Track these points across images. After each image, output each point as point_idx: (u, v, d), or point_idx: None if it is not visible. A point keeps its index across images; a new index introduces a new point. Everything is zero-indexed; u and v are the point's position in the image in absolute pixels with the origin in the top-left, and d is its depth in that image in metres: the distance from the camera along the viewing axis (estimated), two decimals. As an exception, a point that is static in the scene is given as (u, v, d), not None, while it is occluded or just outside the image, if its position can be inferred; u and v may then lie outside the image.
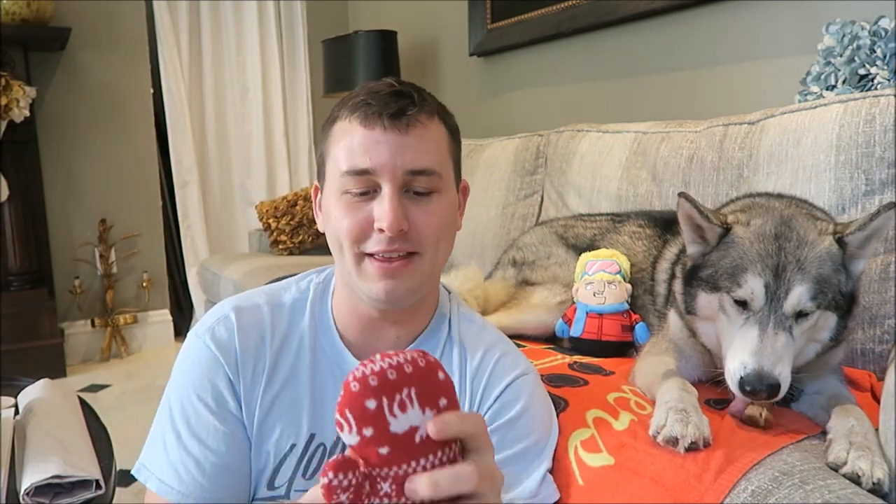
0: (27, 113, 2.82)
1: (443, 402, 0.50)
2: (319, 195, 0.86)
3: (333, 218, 0.79)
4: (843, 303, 0.97)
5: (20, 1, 2.81)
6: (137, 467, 0.82)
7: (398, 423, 0.48)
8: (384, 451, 0.48)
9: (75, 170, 3.22)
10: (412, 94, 0.79)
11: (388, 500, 0.49)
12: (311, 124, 3.78)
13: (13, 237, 2.97)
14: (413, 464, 0.49)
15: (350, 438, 0.49)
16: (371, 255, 0.77)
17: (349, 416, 0.49)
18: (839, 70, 1.47)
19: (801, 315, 0.94)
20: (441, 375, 0.51)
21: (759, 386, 0.89)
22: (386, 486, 0.49)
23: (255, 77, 3.59)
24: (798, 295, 0.93)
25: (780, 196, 1.12)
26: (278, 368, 0.83)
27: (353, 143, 0.77)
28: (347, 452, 0.50)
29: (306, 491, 0.80)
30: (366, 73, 3.03)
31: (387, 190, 0.76)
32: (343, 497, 0.48)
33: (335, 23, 3.75)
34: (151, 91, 3.43)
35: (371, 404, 0.48)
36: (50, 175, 3.15)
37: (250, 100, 3.61)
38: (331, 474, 0.48)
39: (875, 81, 1.41)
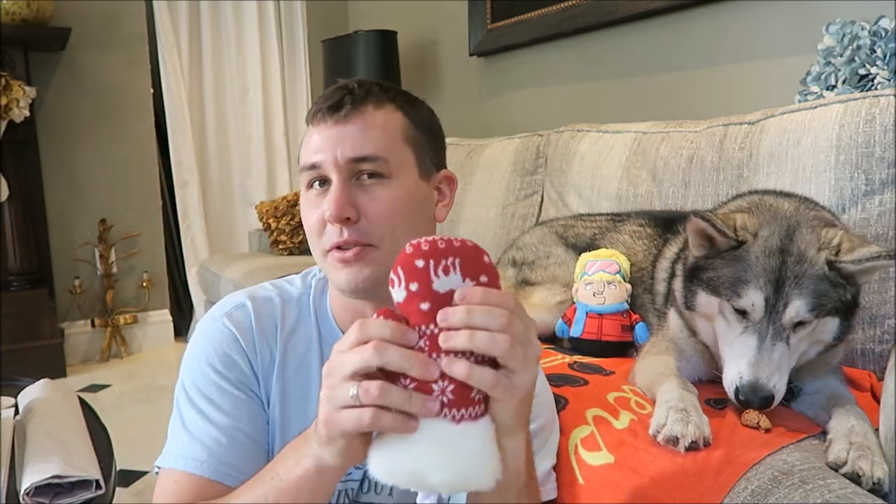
0: (27, 113, 2.82)
1: (483, 278, 0.56)
2: None
3: (303, 219, 0.83)
4: (845, 307, 0.98)
5: (20, 1, 2.81)
6: (160, 461, 0.81)
7: (440, 283, 0.54)
8: (425, 306, 0.54)
9: (75, 170, 3.22)
10: (353, 88, 0.80)
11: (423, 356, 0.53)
12: (311, 124, 3.77)
13: (13, 237, 2.97)
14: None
15: (398, 294, 0.55)
16: (328, 249, 0.79)
17: (400, 272, 0.55)
18: (839, 70, 1.47)
19: (799, 324, 0.96)
20: (486, 259, 0.57)
21: (753, 397, 0.94)
22: (422, 343, 0.54)
23: (255, 77, 3.59)
24: (796, 308, 0.95)
25: (787, 195, 1.12)
26: (288, 359, 0.85)
27: (308, 142, 0.81)
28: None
29: None
30: (366, 73, 3.03)
31: (333, 180, 0.78)
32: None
33: (335, 23, 3.75)
34: (151, 91, 3.43)
35: (419, 263, 0.54)
36: (50, 175, 3.15)
37: (250, 100, 3.61)
38: (379, 317, 0.54)
39: (875, 81, 1.41)
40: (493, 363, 0.54)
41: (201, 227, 3.50)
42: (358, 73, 3.04)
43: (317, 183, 0.80)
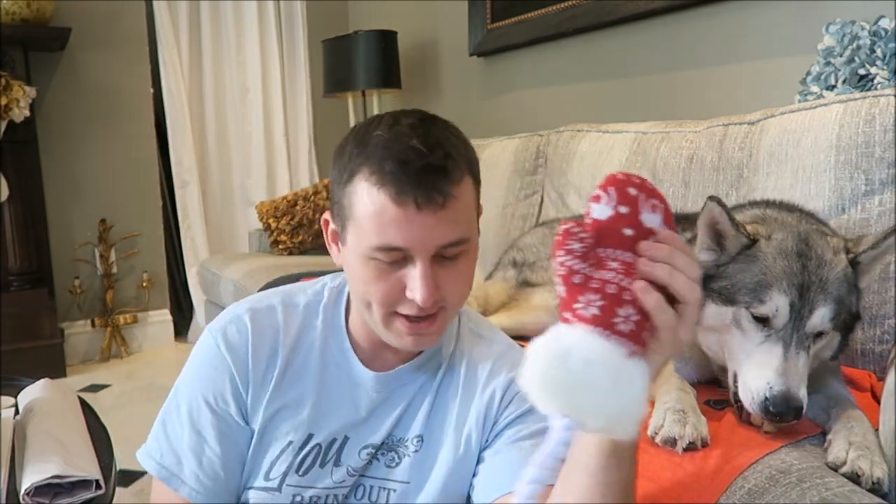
0: (27, 113, 2.82)
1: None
2: (332, 229, 0.83)
3: (360, 279, 0.78)
4: (850, 323, 0.98)
5: (20, 1, 2.81)
6: (141, 452, 0.85)
7: (647, 218, 0.56)
8: (629, 232, 0.55)
9: (75, 170, 3.22)
10: (445, 166, 0.72)
11: (614, 276, 0.54)
12: (311, 124, 3.77)
13: (13, 237, 2.97)
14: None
15: (601, 211, 0.56)
16: (401, 314, 0.77)
17: (611, 191, 0.56)
18: (839, 70, 1.47)
19: (818, 335, 0.94)
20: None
21: (786, 408, 0.87)
22: (615, 265, 0.55)
23: (255, 77, 3.59)
24: (821, 316, 0.92)
25: (789, 209, 1.11)
26: (290, 367, 0.85)
27: (385, 218, 0.72)
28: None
29: (299, 486, 0.83)
30: (366, 73, 3.03)
31: (419, 265, 0.73)
32: (575, 245, 0.55)
33: (335, 23, 3.75)
34: (151, 91, 3.43)
35: (632, 192, 0.56)
36: (50, 175, 3.15)
37: (250, 100, 3.61)
38: (574, 226, 0.55)
39: (875, 81, 1.41)
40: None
41: (201, 227, 3.50)
42: (358, 73, 3.04)
43: (387, 259, 0.75)
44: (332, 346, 0.87)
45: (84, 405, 1.39)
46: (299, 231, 2.92)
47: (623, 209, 0.55)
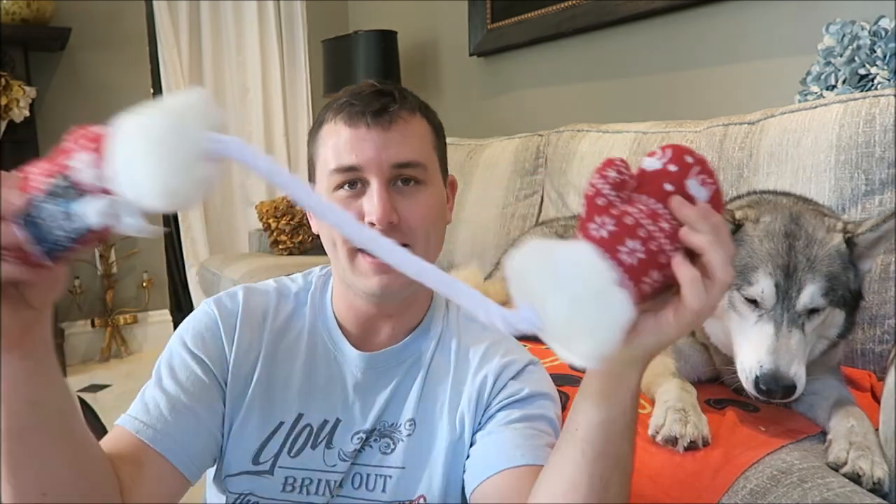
0: (27, 113, 2.82)
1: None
2: None
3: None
4: (851, 299, 0.97)
5: (20, 1, 2.81)
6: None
7: (693, 186, 0.56)
8: (669, 188, 0.55)
9: (75, 170, 3.22)
10: (393, 93, 0.82)
11: (637, 213, 0.54)
12: (311, 124, 3.77)
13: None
14: (672, 218, 0.55)
15: (651, 163, 0.57)
16: (363, 251, 0.79)
17: (668, 151, 0.56)
18: (839, 70, 1.47)
19: (812, 312, 0.94)
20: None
21: (775, 386, 0.89)
22: (642, 207, 0.54)
23: (255, 77, 3.59)
24: (810, 294, 0.93)
25: (786, 194, 1.12)
26: (277, 349, 0.86)
27: (340, 142, 0.80)
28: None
29: (291, 468, 0.83)
30: (366, 73, 3.03)
31: (374, 184, 0.78)
32: (612, 173, 0.55)
33: (335, 23, 3.75)
34: (151, 91, 3.43)
35: (689, 159, 0.56)
36: (50, 175, 3.14)
37: (250, 100, 3.61)
38: (617, 160, 0.56)
39: (875, 81, 1.41)
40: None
41: (201, 226, 3.50)
42: (358, 73, 3.04)
43: (347, 185, 0.80)
44: (320, 327, 0.89)
45: (84, 405, 1.39)
46: (299, 231, 2.92)
47: (672, 167, 0.55)
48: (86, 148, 0.53)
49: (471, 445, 0.85)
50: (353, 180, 0.80)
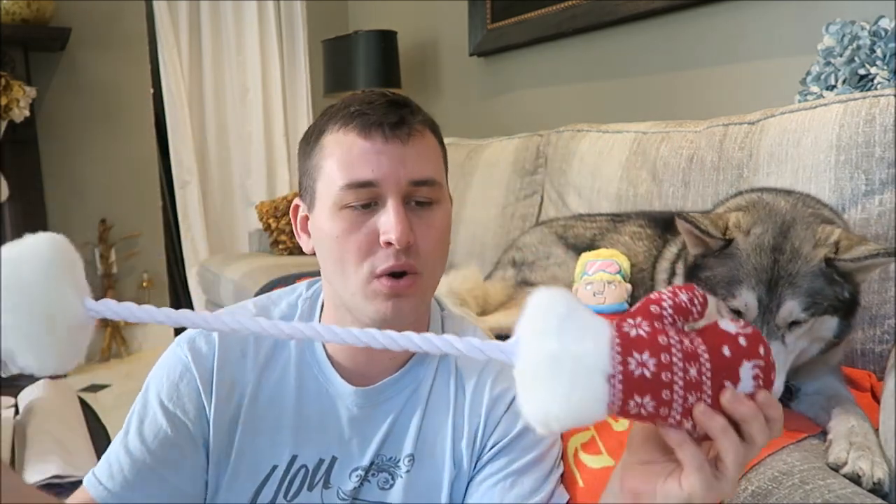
0: (27, 113, 2.82)
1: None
2: (302, 214, 0.82)
3: (332, 236, 0.74)
4: (844, 306, 0.97)
5: (20, 1, 2.81)
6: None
7: (743, 371, 0.53)
8: (726, 351, 0.53)
9: (75, 170, 3.22)
10: (409, 104, 0.76)
11: (678, 342, 0.51)
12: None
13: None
14: (707, 374, 0.52)
15: (729, 325, 0.54)
16: (379, 275, 0.73)
17: (750, 328, 0.55)
18: (839, 70, 1.47)
19: (793, 324, 0.95)
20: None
21: None
22: (685, 339, 0.52)
23: (255, 77, 3.59)
24: (789, 309, 0.94)
25: (786, 193, 1.12)
26: (262, 388, 0.80)
27: (352, 154, 0.72)
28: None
29: None
30: (366, 73, 3.03)
31: (391, 202, 0.72)
32: (683, 297, 0.54)
33: (335, 23, 3.75)
34: (151, 91, 3.43)
35: (761, 350, 0.54)
36: (50, 175, 3.15)
37: (250, 100, 3.61)
38: (700, 293, 0.55)
39: (875, 81, 1.41)
40: None
41: (201, 227, 3.50)
42: (358, 73, 3.04)
43: (360, 205, 0.73)
44: (310, 362, 0.82)
45: (84, 405, 1.39)
46: (299, 231, 2.92)
47: (743, 341, 0.53)
48: None
49: (468, 485, 0.82)
50: (365, 201, 0.72)
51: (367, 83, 3.05)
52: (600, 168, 1.83)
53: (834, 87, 1.47)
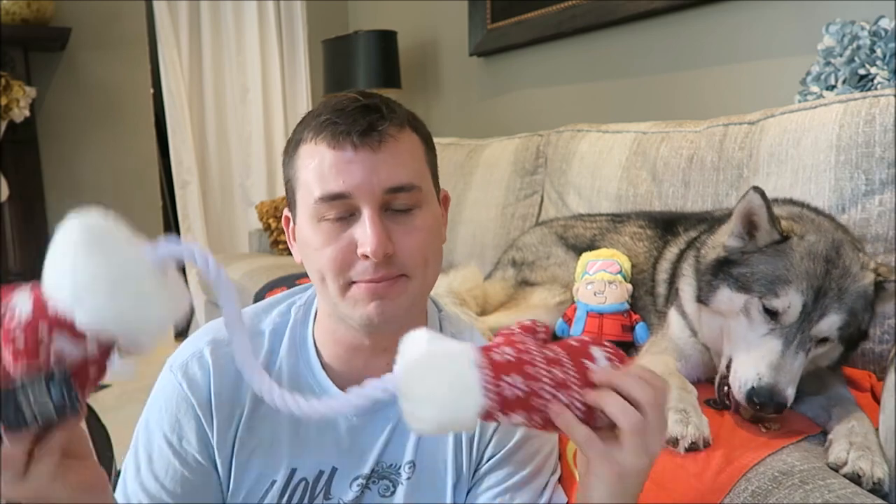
0: (27, 113, 2.82)
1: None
2: (292, 224, 0.81)
3: (311, 248, 0.74)
4: (856, 339, 0.98)
5: (20, 1, 2.81)
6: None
7: (595, 351, 0.64)
8: (574, 343, 0.64)
9: (75, 170, 3.22)
10: (380, 108, 0.73)
11: (542, 358, 0.61)
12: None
13: (13, 237, 2.97)
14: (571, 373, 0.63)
15: (599, 356, 0.64)
16: (356, 281, 0.73)
17: (596, 347, 0.64)
18: (839, 70, 1.47)
19: (822, 341, 0.95)
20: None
21: (769, 401, 0.90)
22: (551, 353, 0.62)
23: (255, 77, 3.59)
24: (830, 322, 0.93)
25: (826, 215, 1.11)
26: (258, 404, 0.78)
27: (324, 166, 0.71)
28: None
29: None
30: (366, 73, 3.03)
31: (366, 212, 0.70)
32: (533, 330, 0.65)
33: (335, 23, 3.75)
34: (151, 91, 3.43)
35: (606, 344, 0.65)
36: (50, 175, 3.14)
37: (250, 100, 3.61)
38: (541, 326, 0.66)
39: (875, 81, 1.41)
40: None
41: (201, 227, 3.50)
42: (358, 73, 3.04)
43: (336, 219, 0.72)
44: (304, 372, 0.81)
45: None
46: (299, 231, 2.92)
47: (586, 337, 0.67)
48: (59, 332, 0.53)
49: (466, 494, 0.83)
50: (341, 214, 0.71)
51: (367, 83, 3.05)
52: (600, 168, 1.83)
53: (834, 87, 1.47)
